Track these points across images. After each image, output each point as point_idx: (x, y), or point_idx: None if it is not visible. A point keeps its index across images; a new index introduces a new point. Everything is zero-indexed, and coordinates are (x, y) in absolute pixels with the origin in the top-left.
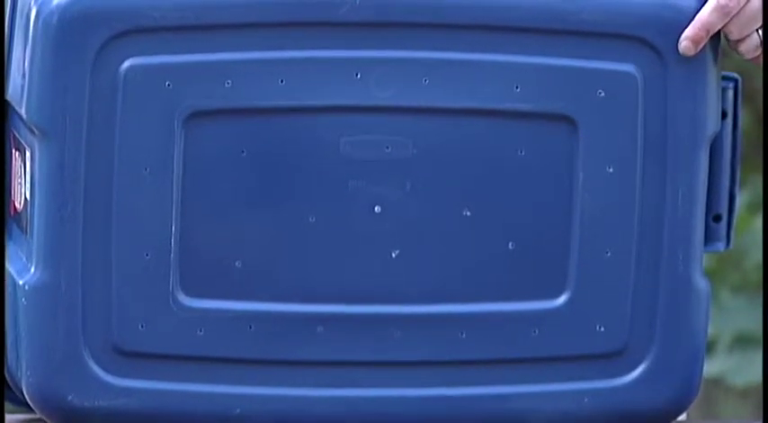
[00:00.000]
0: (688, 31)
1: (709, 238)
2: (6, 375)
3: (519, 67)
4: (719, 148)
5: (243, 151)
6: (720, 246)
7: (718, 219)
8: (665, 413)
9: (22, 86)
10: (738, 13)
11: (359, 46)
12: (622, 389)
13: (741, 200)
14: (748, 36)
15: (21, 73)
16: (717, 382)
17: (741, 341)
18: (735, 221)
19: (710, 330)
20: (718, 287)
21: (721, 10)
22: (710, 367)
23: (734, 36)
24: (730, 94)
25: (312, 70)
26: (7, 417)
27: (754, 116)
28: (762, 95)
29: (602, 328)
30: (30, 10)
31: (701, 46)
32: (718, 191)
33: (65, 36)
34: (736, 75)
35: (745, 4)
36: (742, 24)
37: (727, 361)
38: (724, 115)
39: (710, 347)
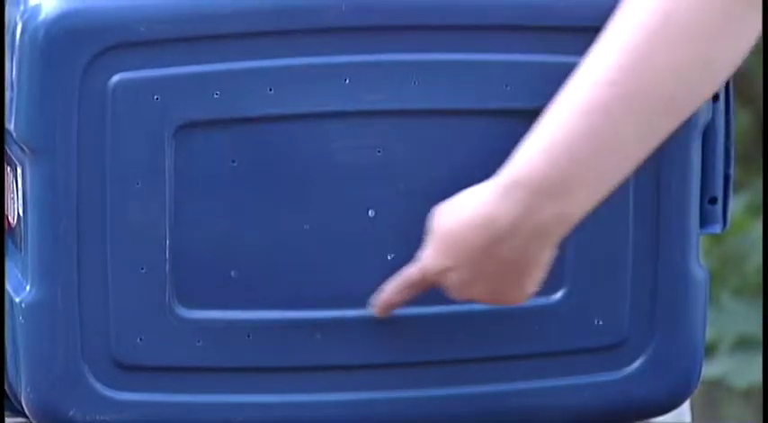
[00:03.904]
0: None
1: (705, 220)
2: (7, 389)
3: (509, 65)
4: (713, 131)
5: (234, 161)
6: (717, 228)
7: (713, 201)
8: (666, 404)
9: (10, 103)
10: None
11: (346, 51)
12: (623, 381)
13: (741, 202)
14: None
15: (8, 90)
16: (718, 384)
17: (742, 343)
18: (730, 203)
19: (712, 333)
20: (719, 290)
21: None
22: (712, 369)
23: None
24: None
25: (300, 77)
26: (7, 420)
27: (754, 118)
28: (762, 98)
29: (601, 322)
30: (15, 25)
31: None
32: (713, 173)
33: (52, 52)
34: None
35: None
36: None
37: (729, 363)
38: (716, 98)
39: (712, 349)
